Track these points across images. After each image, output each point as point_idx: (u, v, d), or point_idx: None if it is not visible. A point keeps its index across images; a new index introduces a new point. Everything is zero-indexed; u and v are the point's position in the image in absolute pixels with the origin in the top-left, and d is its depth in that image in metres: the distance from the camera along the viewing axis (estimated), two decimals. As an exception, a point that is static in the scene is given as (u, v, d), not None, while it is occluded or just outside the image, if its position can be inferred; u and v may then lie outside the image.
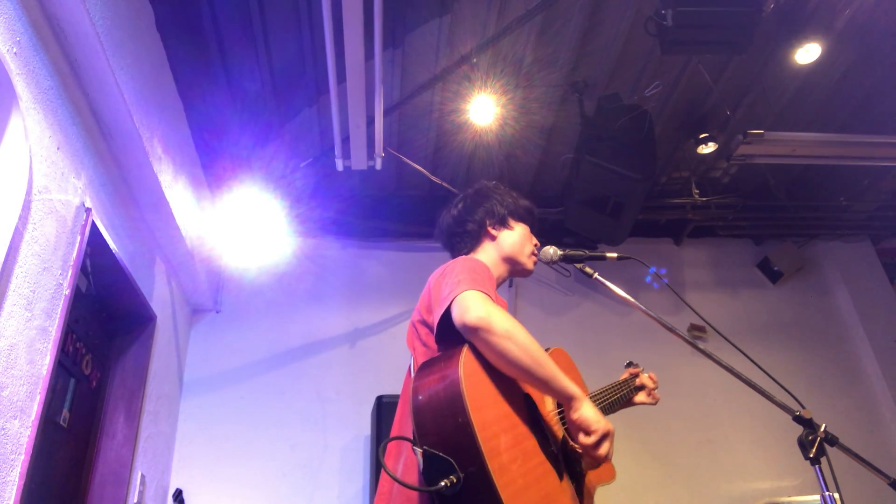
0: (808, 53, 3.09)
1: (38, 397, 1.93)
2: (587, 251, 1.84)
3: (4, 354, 1.75)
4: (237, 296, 4.01)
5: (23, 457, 1.82)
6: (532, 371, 1.40)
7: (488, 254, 1.84)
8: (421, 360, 1.55)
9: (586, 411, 1.42)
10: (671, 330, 1.67)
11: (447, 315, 1.44)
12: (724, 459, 3.87)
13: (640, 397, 2.11)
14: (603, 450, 1.42)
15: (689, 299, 4.24)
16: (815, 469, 1.36)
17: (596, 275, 1.81)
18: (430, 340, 1.53)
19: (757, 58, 3.28)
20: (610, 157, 3.33)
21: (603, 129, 3.32)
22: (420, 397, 1.32)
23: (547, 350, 1.85)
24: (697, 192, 4.17)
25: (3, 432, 1.73)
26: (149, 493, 3.07)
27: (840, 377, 4.20)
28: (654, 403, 2.13)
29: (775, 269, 4.48)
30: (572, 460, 1.57)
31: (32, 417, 1.89)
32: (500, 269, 1.84)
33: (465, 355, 1.36)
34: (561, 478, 1.46)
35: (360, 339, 4.01)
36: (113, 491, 2.76)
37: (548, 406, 1.60)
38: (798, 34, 3.04)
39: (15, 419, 1.80)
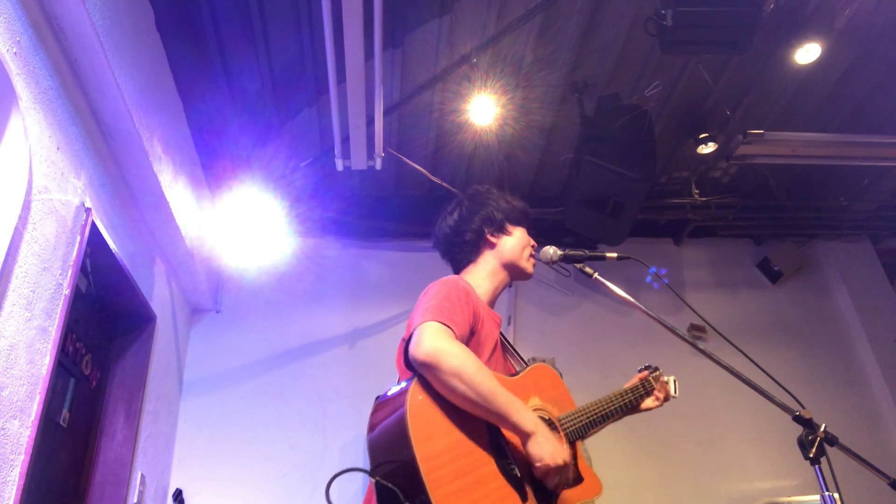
0: (807, 53, 3.09)
1: (38, 397, 1.93)
2: (587, 251, 1.84)
3: (4, 354, 1.75)
4: (237, 296, 4.01)
5: (23, 457, 1.82)
6: (481, 406, 1.41)
7: (488, 263, 1.83)
8: (402, 379, 1.58)
9: (533, 447, 1.44)
10: (671, 330, 1.67)
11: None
12: (724, 459, 3.87)
13: (648, 402, 2.03)
14: (550, 483, 1.46)
15: (689, 299, 4.24)
16: (815, 469, 1.37)
17: (596, 275, 1.81)
18: None
19: (757, 58, 3.28)
20: (610, 157, 3.33)
21: (603, 129, 3.31)
22: (373, 431, 1.39)
23: (532, 362, 1.84)
24: (697, 192, 4.17)
25: (2, 432, 1.73)
26: (149, 493, 3.07)
27: (840, 377, 4.20)
28: (661, 405, 2.06)
29: (775, 269, 4.48)
30: (541, 481, 1.53)
31: (32, 417, 1.89)
32: (499, 277, 1.83)
33: (413, 388, 1.40)
34: (525, 499, 1.45)
35: (360, 339, 4.01)
36: (113, 491, 2.76)
37: None
38: (798, 34, 3.04)
39: (15, 419, 1.80)
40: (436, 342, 1.40)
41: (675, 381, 2.12)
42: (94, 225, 2.34)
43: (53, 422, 2.45)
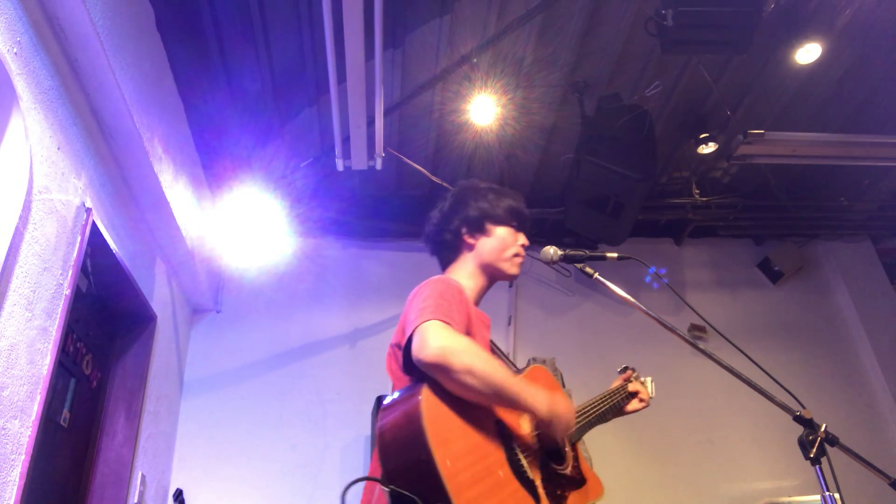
0: (808, 53, 3.09)
1: (39, 397, 1.93)
2: (587, 251, 1.82)
3: (5, 354, 1.75)
4: (237, 296, 4.01)
5: (23, 457, 1.82)
6: (496, 396, 1.40)
7: (466, 265, 1.80)
8: (398, 385, 1.53)
9: (556, 428, 1.50)
10: (671, 330, 1.66)
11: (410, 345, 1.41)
12: (724, 459, 3.87)
13: (633, 405, 2.04)
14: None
15: (690, 299, 4.24)
16: (816, 469, 1.36)
17: (596, 275, 1.80)
18: None
19: (757, 58, 3.28)
20: (610, 157, 3.33)
21: (603, 129, 3.31)
22: (384, 438, 1.32)
23: (526, 368, 1.82)
24: (698, 192, 4.16)
25: (3, 432, 1.73)
26: (149, 493, 3.07)
27: (840, 377, 4.20)
28: (646, 406, 2.07)
29: (776, 269, 4.48)
30: (552, 482, 1.53)
31: (33, 417, 1.89)
32: (479, 280, 1.79)
33: (425, 391, 1.34)
34: (538, 502, 1.43)
35: (361, 339, 4.01)
36: (113, 491, 2.76)
37: (524, 429, 1.55)
38: (798, 34, 3.04)
39: (15, 419, 1.80)
40: (442, 341, 1.36)
41: (651, 382, 2.14)
42: (94, 225, 2.34)
43: (54, 422, 2.45)
